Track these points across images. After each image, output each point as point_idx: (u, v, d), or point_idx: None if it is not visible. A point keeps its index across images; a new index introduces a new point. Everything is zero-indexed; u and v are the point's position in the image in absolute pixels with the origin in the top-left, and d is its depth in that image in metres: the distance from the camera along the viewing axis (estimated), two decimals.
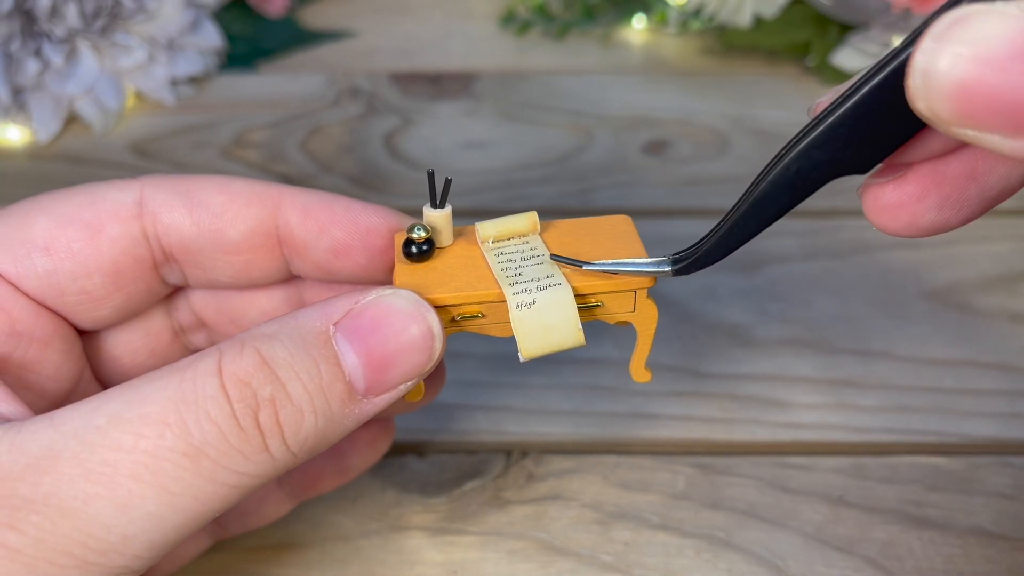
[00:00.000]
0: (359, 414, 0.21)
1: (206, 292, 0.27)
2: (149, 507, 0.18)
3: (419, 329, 0.21)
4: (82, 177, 0.45)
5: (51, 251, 0.23)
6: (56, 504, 0.18)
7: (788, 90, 0.51)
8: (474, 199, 0.44)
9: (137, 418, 0.19)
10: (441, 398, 0.34)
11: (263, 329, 0.20)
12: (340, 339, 0.20)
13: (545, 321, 0.22)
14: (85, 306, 0.24)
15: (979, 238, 0.41)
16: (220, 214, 0.24)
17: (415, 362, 0.21)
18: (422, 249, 0.23)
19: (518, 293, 0.22)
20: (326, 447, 0.21)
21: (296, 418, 0.19)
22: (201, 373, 0.19)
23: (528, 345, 0.22)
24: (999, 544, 0.29)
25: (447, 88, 0.52)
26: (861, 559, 0.29)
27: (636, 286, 0.23)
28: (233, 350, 0.20)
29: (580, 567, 0.29)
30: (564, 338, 0.22)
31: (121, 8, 0.47)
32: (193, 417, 0.19)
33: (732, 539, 0.30)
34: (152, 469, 0.18)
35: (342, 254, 0.24)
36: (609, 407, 0.34)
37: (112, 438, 0.18)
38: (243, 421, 0.19)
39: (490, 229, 0.24)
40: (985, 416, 0.34)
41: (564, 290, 0.22)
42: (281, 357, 0.20)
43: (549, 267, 0.23)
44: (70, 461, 0.18)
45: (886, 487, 0.31)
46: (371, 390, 0.21)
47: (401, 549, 0.30)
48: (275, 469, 0.20)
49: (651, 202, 0.44)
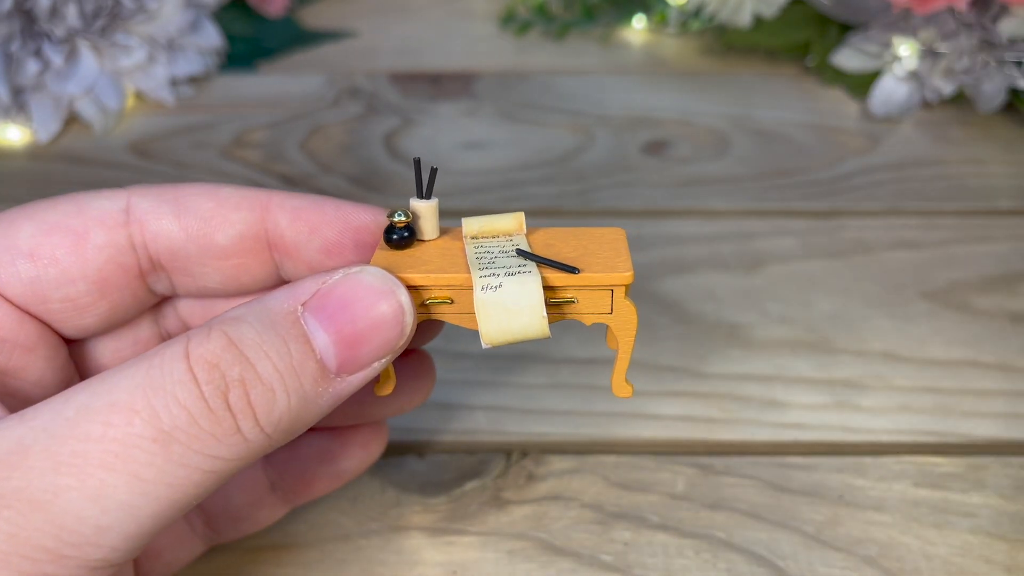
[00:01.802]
0: (333, 393, 0.20)
1: (194, 300, 0.27)
2: (121, 496, 0.18)
3: (389, 305, 0.21)
4: (82, 177, 0.45)
5: (35, 258, 0.23)
6: (27, 498, 0.18)
7: (788, 90, 0.51)
8: (474, 199, 0.44)
9: (105, 407, 0.18)
10: (441, 398, 0.34)
11: (230, 313, 0.20)
12: (309, 318, 0.20)
13: (508, 305, 0.21)
14: (69, 314, 0.24)
15: (979, 238, 0.41)
16: (208, 219, 0.24)
17: (387, 338, 0.21)
18: (402, 235, 0.23)
19: (485, 277, 0.22)
20: (302, 428, 0.21)
21: (268, 398, 0.19)
22: (168, 358, 0.19)
23: (489, 329, 0.22)
24: (999, 544, 0.29)
25: (447, 88, 0.52)
26: (861, 559, 0.29)
27: (612, 283, 0.22)
28: (200, 334, 0.19)
29: (580, 567, 0.29)
30: (527, 325, 0.22)
31: (121, 8, 0.47)
32: (161, 402, 0.18)
33: (732, 539, 0.30)
34: (122, 457, 0.18)
35: (334, 253, 0.24)
36: (609, 407, 0.34)
37: (81, 429, 0.18)
38: (213, 403, 0.19)
39: (474, 225, 0.24)
40: (985, 416, 0.34)
41: (532, 278, 0.22)
42: (249, 337, 0.19)
43: (523, 260, 0.22)
44: (40, 454, 0.18)
45: (886, 487, 0.31)
46: (344, 368, 0.20)
47: (401, 549, 0.30)
48: (250, 451, 0.19)
49: (651, 202, 0.44)
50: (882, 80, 0.49)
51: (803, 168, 0.46)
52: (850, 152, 0.47)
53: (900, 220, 0.43)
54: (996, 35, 0.46)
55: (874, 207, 0.43)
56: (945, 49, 0.47)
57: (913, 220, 0.43)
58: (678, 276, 0.40)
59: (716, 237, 0.42)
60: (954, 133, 0.48)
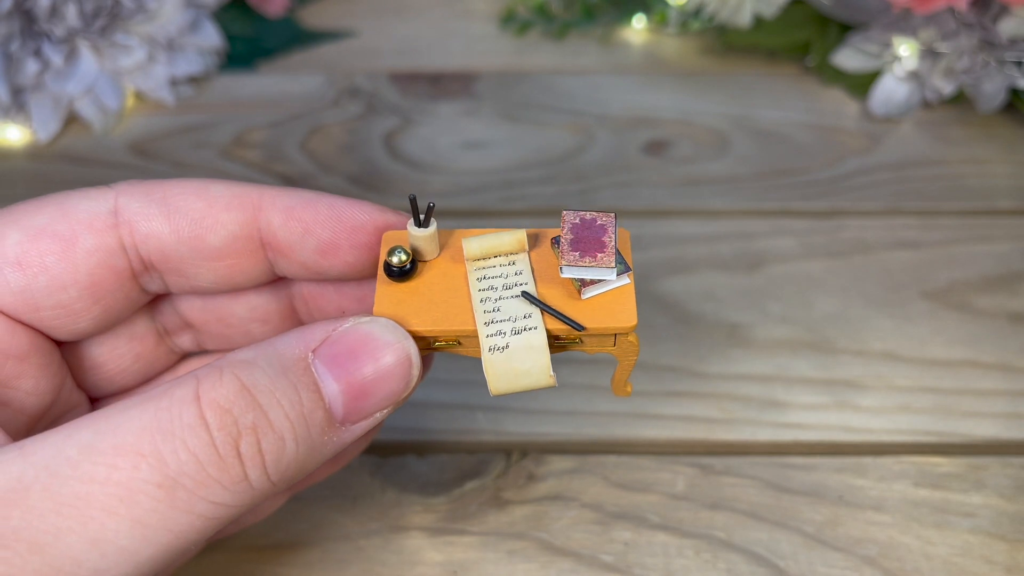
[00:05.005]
0: (337, 442, 0.21)
1: (190, 295, 0.26)
2: (122, 541, 0.18)
3: (396, 357, 0.21)
4: (82, 177, 0.45)
5: (24, 266, 0.22)
6: (26, 539, 0.17)
7: (788, 90, 0.51)
8: (474, 199, 0.44)
9: (110, 449, 0.18)
10: (441, 398, 0.34)
11: (241, 355, 0.20)
12: (319, 366, 0.20)
13: (515, 366, 0.22)
14: (62, 320, 0.23)
15: (979, 238, 0.41)
16: (199, 220, 0.23)
17: (392, 389, 0.21)
18: (404, 270, 0.23)
19: (492, 336, 0.22)
20: (303, 476, 0.20)
21: (278, 446, 0.19)
22: (178, 401, 0.19)
23: (498, 385, 0.22)
24: (999, 544, 0.29)
25: (447, 88, 0.52)
26: (861, 559, 0.29)
27: (618, 331, 0.22)
28: (212, 377, 0.19)
29: (580, 567, 0.29)
30: (534, 382, 0.22)
31: (121, 8, 0.47)
32: (169, 447, 0.18)
33: (732, 539, 0.30)
34: (126, 502, 0.18)
35: (329, 253, 0.24)
36: (609, 407, 0.34)
37: (84, 470, 0.18)
38: (223, 450, 0.18)
39: (475, 248, 0.23)
40: (985, 416, 0.34)
41: (538, 335, 0.22)
42: (262, 384, 0.19)
43: (528, 304, 0.22)
44: (40, 494, 0.18)
45: (886, 487, 0.31)
46: (349, 417, 0.21)
47: (401, 549, 0.30)
48: (253, 499, 0.19)
49: (651, 202, 0.44)
50: (882, 80, 0.49)
51: (803, 168, 0.46)
52: (850, 152, 0.47)
53: (900, 220, 0.43)
54: (996, 35, 0.46)
55: (874, 207, 0.43)
56: (945, 49, 0.47)
57: (913, 220, 0.43)
58: (678, 276, 0.40)
59: (716, 237, 0.42)
60: (954, 133, 0.48)
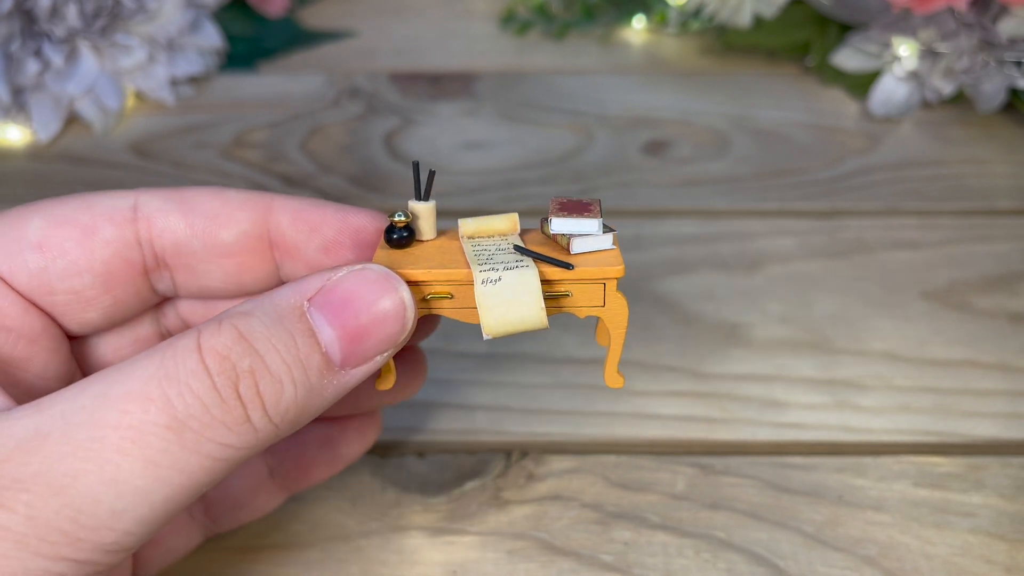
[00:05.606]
0: (338, 385, 0.21)
1: (195, 300, 0.27)
2: (137, 481, 0.19)
3: (391, 300, 0.22)
4: (82, 177, 0.45)
5: (44, 249, 0.23)
6: (46, 482, 0.18)
7: (788, 90, 0.51)
8: (474, 199, 0.44)
9: (121, 395, 0.19)
10: (441, 398, 0.34)
11: (239, 308, 0.21)
12: (315, 313, 0.21)
13: (507, 297, 0.23)
14: (74, 306, 0.24)
15: (979, 238, 0.41)
16: (214, 217, 0.25)
17: (389, 332, 0.22)
18: (402, 235, 0.24)
19: (485, 271, 0.23)
20: (307, 419, 0.21)
21: (276, 389, 0.20)
22: (181, 350, 0.20)
23: (490, 320, 0.23)
24: (999, 544, 0.29)
25: (447, 88, 0.52)
26: (861, 559, 0.29)
27: (605, 276, 0.23)
28: (211, 327, 0.20)
29: (580, 567, 0.29)
30: (526, 316, 0.23)
31: (121, 8, 0.47)
32: (175, 391, 0.19)
33: (732, 539, 0.30)
34: (138, 443, 0.19)
35: (333, 252, 0.25)
36: (609, 407, 0.34)
37: (98, 416, 0.19)
38: (224, 393, 0.20)
39: (471, 225, 0.25)
40: (985, 416, 0.34)
41: (530, 272, 0.23)
42: (258, 331, 0.20)
43: (520, 255, 0.24)
44: (58, 440, 0.19)
45: (886, 487, 0.31)
46: (348, 361, 0.21)
47: (401, 549, 0.30)
48: (258, 440, 0.20)
49: (651, 202, 0.44)
50: (882, 80, 0.49)
51: (803, 168, 0.46)
52: (850, 152, 0.47)
53: (900, 220, 0.43)
54: (996, 35, 0.46)
55: (874, 207, 0.43)
56: (945, 49, 0.47)
57: (913, 220, 0.43)
58: (678, 276, 0.40)
59: (716, 237, 0.42)
60: (954, 133, 0.48)
